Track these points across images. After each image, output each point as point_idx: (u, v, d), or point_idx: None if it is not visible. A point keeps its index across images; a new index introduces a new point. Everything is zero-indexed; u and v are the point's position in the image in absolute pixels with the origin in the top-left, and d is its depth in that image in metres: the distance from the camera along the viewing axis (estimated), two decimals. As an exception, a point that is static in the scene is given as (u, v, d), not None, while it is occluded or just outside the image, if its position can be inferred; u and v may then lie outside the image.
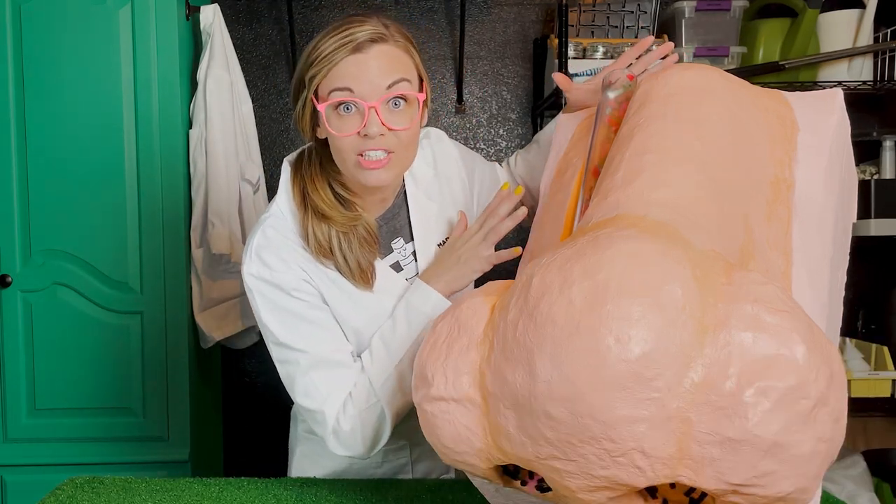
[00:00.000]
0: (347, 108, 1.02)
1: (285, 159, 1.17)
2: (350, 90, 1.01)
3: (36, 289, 2.01)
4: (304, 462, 1.30)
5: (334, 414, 1.09)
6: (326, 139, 1.09)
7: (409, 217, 1.19)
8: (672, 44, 1.25)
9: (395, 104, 1.03)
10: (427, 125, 1.21)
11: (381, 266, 1.14)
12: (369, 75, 1.00)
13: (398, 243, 1.18)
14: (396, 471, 1.27)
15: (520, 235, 1.68)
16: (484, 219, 1.13)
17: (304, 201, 1.11)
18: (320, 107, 1.02)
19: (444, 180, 1.23)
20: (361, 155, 1.03)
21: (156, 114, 1.99)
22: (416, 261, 1.18)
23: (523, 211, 1.14)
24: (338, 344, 1.12)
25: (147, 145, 1.99)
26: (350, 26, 1.02)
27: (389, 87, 1.01)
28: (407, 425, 1.25)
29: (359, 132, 1.02)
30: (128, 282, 2.01)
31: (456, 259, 1.13)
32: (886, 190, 2.04)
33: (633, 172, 0.81)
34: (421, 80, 1.08)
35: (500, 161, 2.47)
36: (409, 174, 1.19)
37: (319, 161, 1.13)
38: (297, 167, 1.15)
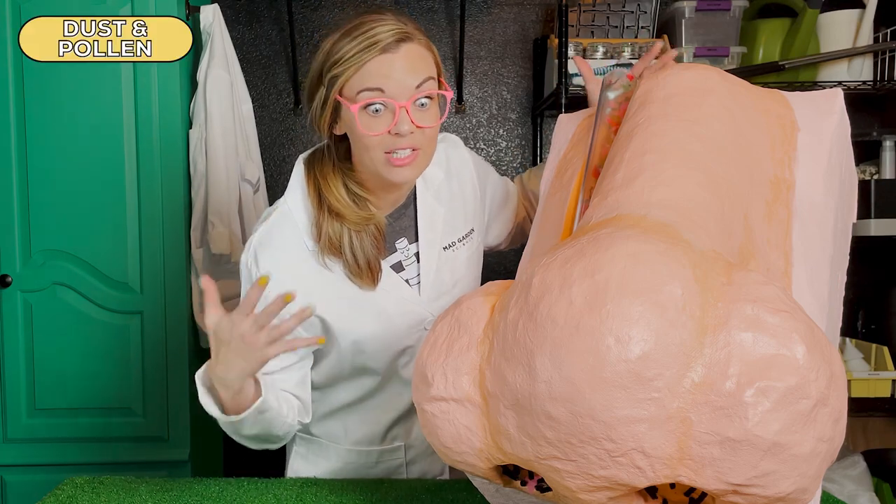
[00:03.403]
0: (377, 109, 1.03)
1: (299, 157, 1.18)
2: (381, 90, 1.02)
3: (36, 289, 2.01)
4: (299, 462, 1.30)
5: None
6: (342, 136, 1.10)
7: (415, 218, 1.19)
8: (661, 41, 1.24)
9: (423, 104, 1.04)
10: None
11: (383, 266, 1.14)
12: (399, 75, 1.02)
13: (402, 243, 1.18)
14: (391, 472, 1.27)
15: (509, 253, 1.69)
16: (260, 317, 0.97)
17: (320, 199, 1.11)
18: (353, 108, 1.03)
19: (455, 184, 1.23)
20: (390, 153, 1.04)
21: (156, 114, 1.99)
22: (417, 262, 1.18)
23: (309, 311, 0.98)
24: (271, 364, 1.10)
25: (147, 145, 1.99)
26: (372, 25, 1.02)
27: (418, 86, 1.03)
28: (402, 427, 1.25)
29: (389, 131, 1.03)
30: (128, 282, 2.01)
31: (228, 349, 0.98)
32: (886, 190, 2.04)
33: (634, 173, 0.81)
34: (439, 77, 1.09)
35: (499, 162, 2.49)
36: (421, 175, 1.19)
37: (333, 159, 1.13)
38: (310, 165, 1.15)
